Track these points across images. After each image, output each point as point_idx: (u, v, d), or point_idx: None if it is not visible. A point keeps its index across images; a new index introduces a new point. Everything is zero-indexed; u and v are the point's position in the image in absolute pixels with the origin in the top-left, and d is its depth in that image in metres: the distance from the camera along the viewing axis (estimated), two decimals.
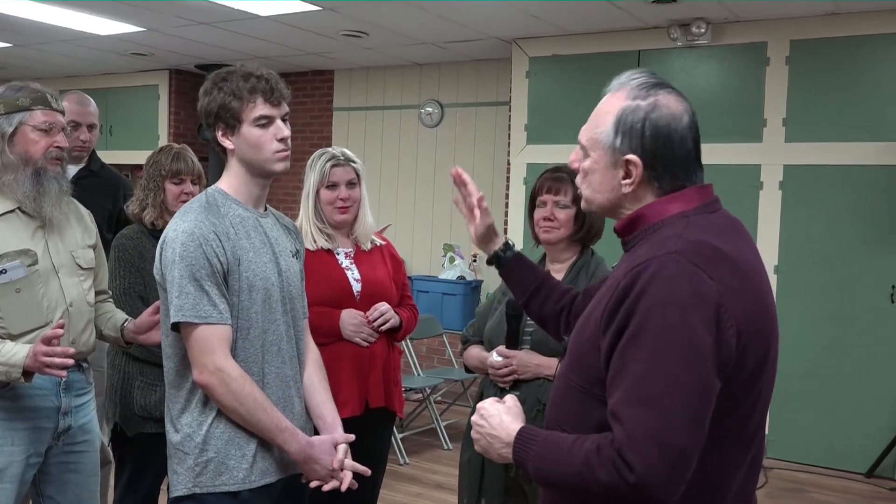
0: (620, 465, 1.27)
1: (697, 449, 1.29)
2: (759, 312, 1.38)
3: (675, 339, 1.29)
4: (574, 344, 1.50)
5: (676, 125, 1.43)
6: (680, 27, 5.50)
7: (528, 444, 1.43)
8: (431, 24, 5.83)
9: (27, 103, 2.30)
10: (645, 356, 1.30)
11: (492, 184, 7.05)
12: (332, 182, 2.79)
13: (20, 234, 2.30)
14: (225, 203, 2.05)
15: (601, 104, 1.49)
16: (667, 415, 1.27)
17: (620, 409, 1.30)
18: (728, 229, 1.45)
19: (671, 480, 1.27)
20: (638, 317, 1.32)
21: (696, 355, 1.28)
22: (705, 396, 1.29)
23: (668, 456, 1.26)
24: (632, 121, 1.43)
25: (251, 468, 1.99)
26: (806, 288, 5.30)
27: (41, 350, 2.10)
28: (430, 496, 4.59)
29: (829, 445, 5.26)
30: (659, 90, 1.45)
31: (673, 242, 1.37)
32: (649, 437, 1.26)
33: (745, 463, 1.43)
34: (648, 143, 1.42)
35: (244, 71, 2.01)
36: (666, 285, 1.31)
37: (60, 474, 2.42)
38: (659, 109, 1.43)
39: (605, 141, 1.46)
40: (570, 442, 1.37)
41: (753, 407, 1.40)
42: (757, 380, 1.38)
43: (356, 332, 2.75)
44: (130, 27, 6.33)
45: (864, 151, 5.13)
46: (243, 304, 2.00)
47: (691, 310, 1.29)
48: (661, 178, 1.44)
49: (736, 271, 1.36)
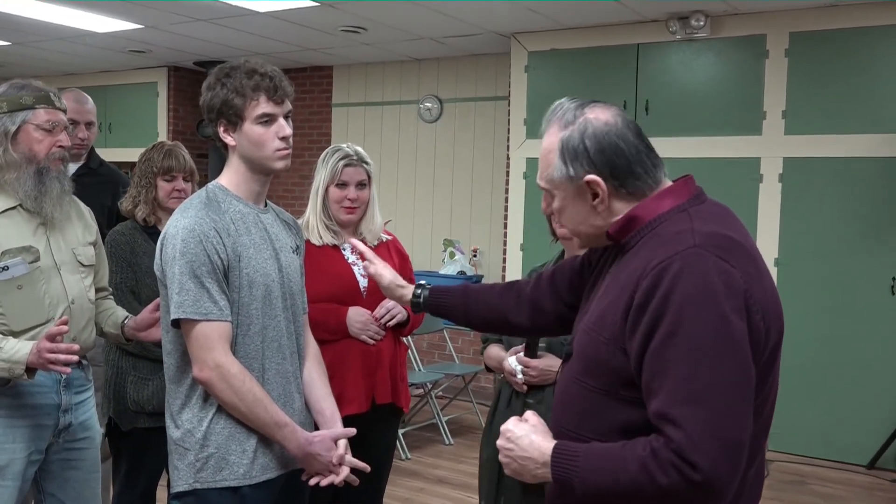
0: (682, 465, 1.28)
1: (749, 437, 1.32)
2: (773, 295, 1.42)
3: (713, 334, 1.31)
4: (585, 346, 1.49)
5: (612, 129, 1.47)
6: (679, 20, 5.49)
7: (572, 460, 1.40)
8: (430, 19, 5.82)
9: (31, 102, 2.30)
10: (685, 354, 1.31)
11: (491, 178, 7.05)
12: (342, 181, 2.76)
13: (22, 231, 2.30)
14: (225, 199, 2.05)
15: (542, 146, 1.54)
16: (720, 410, 1.29)
17: (671, 410, 1.30)
18: (726, 217, 1.48)
19: (734, 472, 1.30)
20: (671, 315, 1.33)
21: (735, 346, 1.31)
22: (749, 385, 1.32)
23: (730, 449, 1.29)
24: (573, 146, 1.48)
25: (252, 464, 1.99)
26: (806, 281, 5.30)
27: (45, 347, 2.10)
28: (432, 491, 4.60)
29: (830, 438, 5.26)
30: (583, 109, 1.50)
31: (689, 237, 1.38)
32: (708, 435, 1.28)
33: (762, 448, 1.46)
34: (597, 158, 1.46)
35: (248, 67, 2.00)
36: (695, 280, 1.33)
37: (62, 471, 2.42)
38: (591, 124, 1.48)
39: (559, 176, 1.50)
40: (617, 451, 1.36)
41: (772, 388, 1.44)
42: (774, 360, 1.42)
43: (363, 329, 2.74)
44: (129, 24, 6.32)
45: (864, 143, 5.13)
46: (244, 300, 2.00)
47: (724, 301, 1.32)
48: (626, 183, 1.47)
49: (749, 257, 1.40)
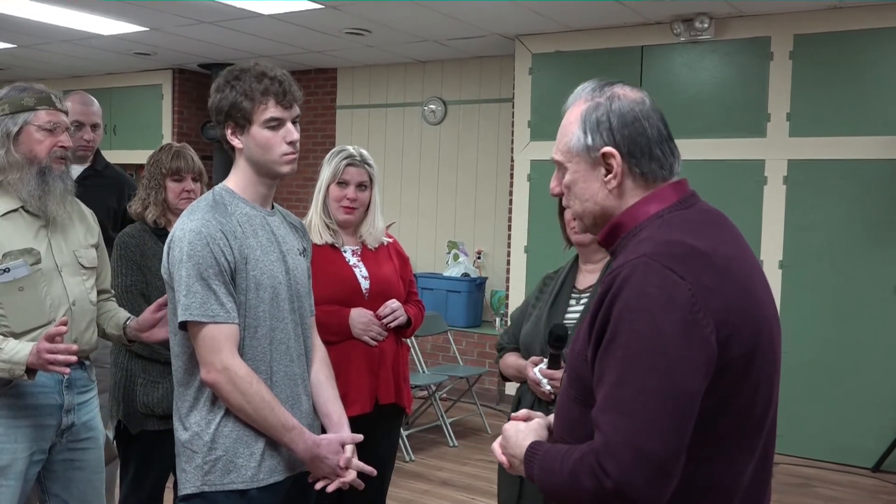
0: (598, 471, 1.27)
1: (677, 453, 1.28)
2: (744, 302, 1.36)
3: (645, 345, 1.28)
4: (570, 356, 1.50)
5: (640, 108, 1.45)
6: (683, 22, 5.50)
7: (533, 458, 1.44)
8: (434, 21, 5.83)
9: (32, 103, 2.32)
10: (618, 363, 1.30)
11: (495, 181, 7.05)
12: (343, 180, 2.80)
13: (23, 233, 2.31)
14: (232, 201, 2.05)
15: (563, 120, 1.51)
16: (641, 421, 1.26)
17: (598, 417, 1.31)
18: (704, 224, 1.44)
19: (650, 485, 1.26)
20: (612, 323, 1.32)
21: (668, 360, 1.27)
22: (681, 401, 1.28)
23: (645, 462, 1.26)
24: (596, 117, 1.45)
25: (259, 466, 2.00)
26: (811, 283, 5.29)
27: (44, 347, 2.11)
28: (436, 493, 4.60)
29: (835, 440, 5.26)
30: (612, 86, 1.48)
31: (644, 245, 1.36)
32: (624, 444, 1.26)
33: (754, 458, 1.41)
34: (619, 132, 1.43)
35: (257, 71, 2.00)
36: (635, 290, 1.31)
37: (65, 472, 2.43)
38: (619, 99, 1.45)
39: (577, 146, 1.47)
40: (563, 452, 1.38)
41: (754, 397, 1.38)
42: (749, 369, 1.36)
43: (365, 330, 2.76)
44: (133, 27, 6.34)
45: (869, 145, 5.12)
46: (251, 302, 2.00)
47: (661, 313, 1.28)
48: (641, 163, 1.44)
49: (710, 266, 1.35)
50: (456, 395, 6.31)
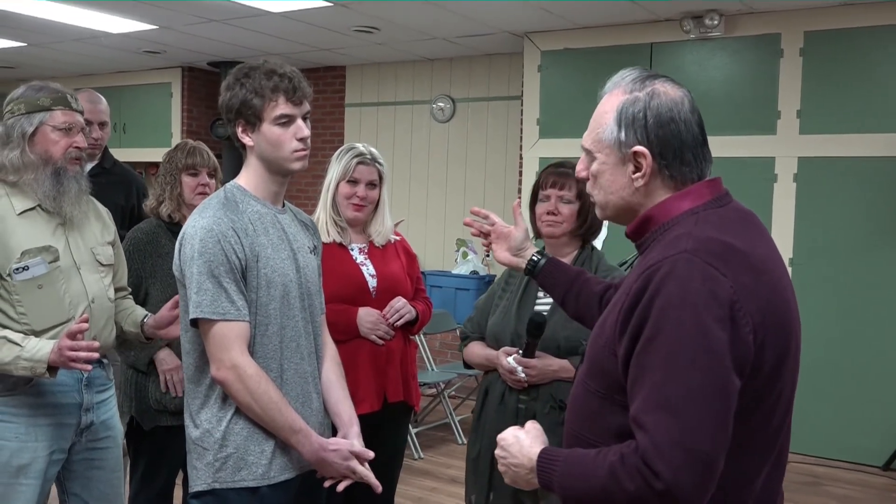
0: (647, 473, 1.25)
1: (723, 451, 1.27)
2: (776, 306, 1.35)
3: (690, 342, 1.26)
4: (591, 349, 1.48)
5: (679, 109, 1.42)
6: (693, 19, 5.47)
7: (552, 465, 1.41)
8: (443, 18, 5.82)
9: (48, 103, 2.32)
10: (661, 361, 1.28)
11: (504, 178, 7.04)
12: (353, 178, 2.80)
13: (42, 231, 2.32)
14: (243, 199, 2.05)
15: (599, 106, 1.48)
16: (689, 420, 1.25)
17: (642, 417, 1.28)
18: (739, 223, 1.43)
19: (699, 485, 1.25)
20: (652, 320, 1.30)
21: (713, 357, 1.26)
22: (725, 398, 1.27)
23: (695, 461, 1.24)
24: (633, 112, 1.42)
25: (270, 464, 2.00)
26: (821, 280, 5.27)
27: (66, 345, 2.12)
28: (445, 490, 4.60)
29: (844, 439, 5.24)
30: (654, 80, 1.44)
31: (684, 241, 1.34)
32: (674, 444, 1.24)
33: (772, 458, 1.41)
34: (653, 132, 1.41)
35: (267, 68, 2.01)
36: (678, 286, 1.29)
37: (84, 471, 2.44)
38: (658, 97, 1.42)
39: (609, 138, 1.44)
40: (592, 456, 1.35)
41: (778, 400, 1.38)
42: (779, 373, 1.36)
43: (372, 329, 2.76)
44: (143, 25, 6.35)
45: (879, 143, 5.09)
46: (262, 300, 2.00)
47: (705, 310, 1.27)
48: (672, 166, 1.42)
49: (748, 266, 1.33)
50: (465, 392, 6.31)
